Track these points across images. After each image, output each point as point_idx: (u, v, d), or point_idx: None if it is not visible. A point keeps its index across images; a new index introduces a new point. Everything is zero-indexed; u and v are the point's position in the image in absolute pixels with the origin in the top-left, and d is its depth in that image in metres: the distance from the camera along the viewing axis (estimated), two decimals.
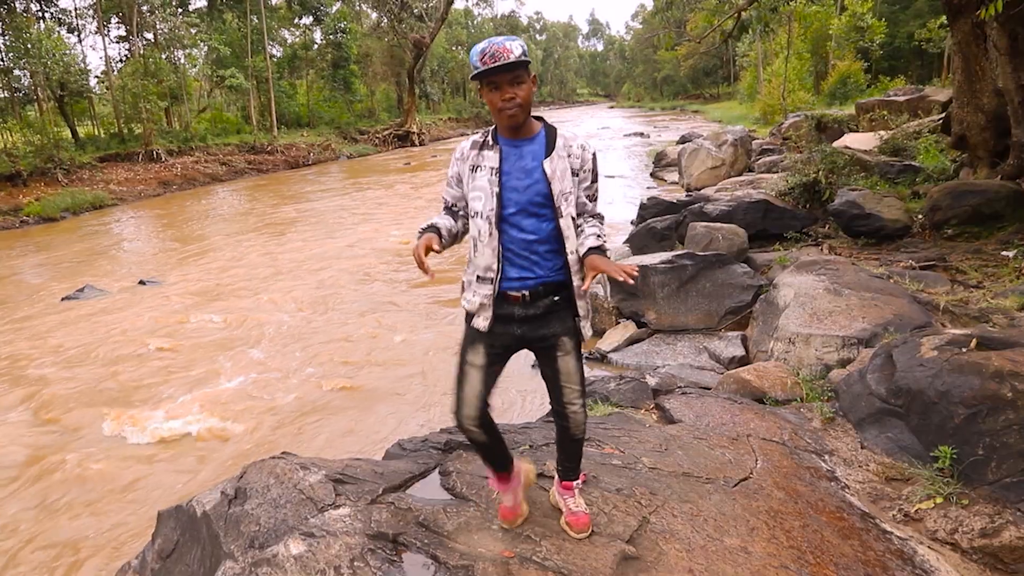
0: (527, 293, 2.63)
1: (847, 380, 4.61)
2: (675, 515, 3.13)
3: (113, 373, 7.95)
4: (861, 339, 5.29)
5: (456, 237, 2.77)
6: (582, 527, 2.89)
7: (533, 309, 2.65)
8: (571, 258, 2.63)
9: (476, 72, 2.43)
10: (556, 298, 2.66)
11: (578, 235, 2.66)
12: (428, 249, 2.55)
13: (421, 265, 2.49)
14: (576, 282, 2.65)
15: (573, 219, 2.62)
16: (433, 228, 2.68)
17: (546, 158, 2.57)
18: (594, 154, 2.69)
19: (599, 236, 2.64)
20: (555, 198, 2.56)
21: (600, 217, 2.77)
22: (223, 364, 8.04)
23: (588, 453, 3.69)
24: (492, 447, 2.86)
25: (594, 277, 2.53)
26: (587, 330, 2.76)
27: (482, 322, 2.66)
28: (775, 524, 3.13)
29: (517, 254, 2.63)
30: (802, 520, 3.19)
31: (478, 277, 2.67)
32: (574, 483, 2.97)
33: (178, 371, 7.95)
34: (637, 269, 2.38)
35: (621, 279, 2.37)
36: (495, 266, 2.62)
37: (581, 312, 2.72)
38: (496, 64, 2.39)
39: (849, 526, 3.20)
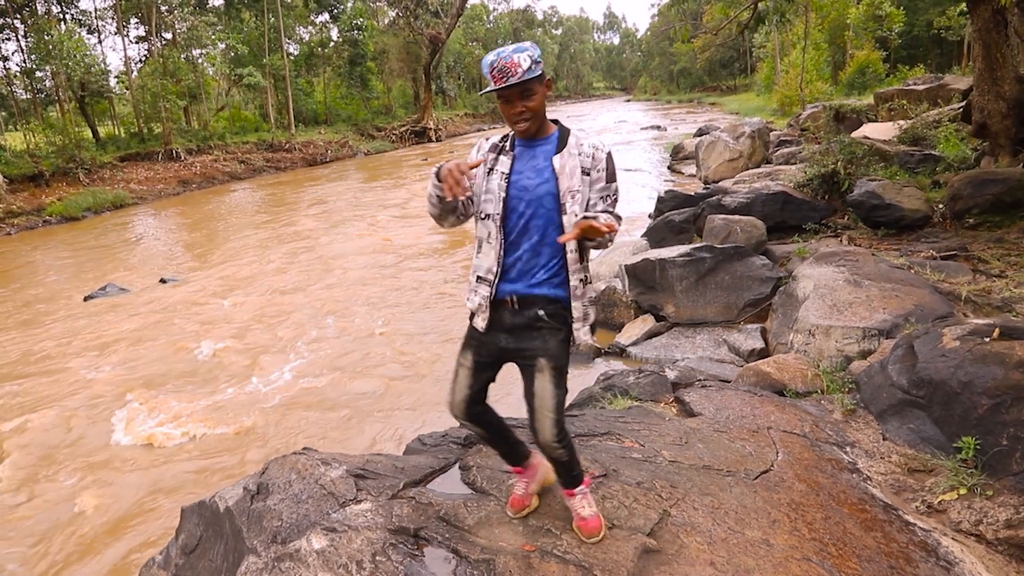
0: (516, 299, 2.63)
1: (868, 372, 4.58)
2: (696, 508, 3.12)
3: (136, 370, 8.05)
4: (882, 330, 5.24)
5: (463, 214, 2.68)
6: (591, 532, 2.84)
7: (520, 318, 2.65)
8: (570, 256, 2.61)
9: (487, 89, 2.45)
10: (542, 312, 2.63)
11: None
12: (460, 170, 2.38)
13: (457, 178, 2.36)
14: (573, 283, 2.62)
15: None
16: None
17: (556, 155, 2.58)
18: (608, 154, 2.61)
19: (606, 213, 2.52)
20: (561, 194, 2.55)
21: (617, 218, 2.60)
22: (244, 361, 8.11)
23: (608, 447, 3.69)
24: (496, 441, 2.97)
25: (576, 235, 2.39)
26: (583, 335, 2.70)
27: (480, 322, 2.71)
28: (797, 516, 3.11)
29: (519, 259, 2.63)
30: (824, 512, 3.17)
31: (478, 278, 2.70)
32: (575, 490, 2.90)
33: (200, 368, 8.03)
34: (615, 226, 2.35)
35: (604, 232, 2.31)
36: (495, 268, 2.64)
37: (576, 315, 2.66)
38: (506, 84, 2.40)
39: (871, 518, 3.18)
